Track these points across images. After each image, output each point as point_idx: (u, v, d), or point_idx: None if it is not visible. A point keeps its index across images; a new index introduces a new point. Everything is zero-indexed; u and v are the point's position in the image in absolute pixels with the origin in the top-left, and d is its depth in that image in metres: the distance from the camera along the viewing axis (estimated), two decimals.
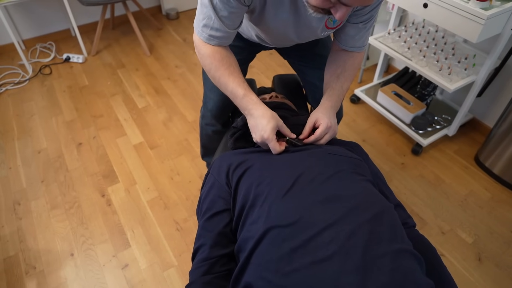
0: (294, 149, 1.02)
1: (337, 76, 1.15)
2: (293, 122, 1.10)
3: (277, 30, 1.09)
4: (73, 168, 1.98)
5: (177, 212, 1.76)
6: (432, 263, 0.82)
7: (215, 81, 1.07)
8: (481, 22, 1.49)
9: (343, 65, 1.15)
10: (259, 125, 1.00)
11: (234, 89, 1.03)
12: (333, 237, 0.73)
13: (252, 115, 1.02)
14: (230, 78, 1.03)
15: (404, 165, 2.01)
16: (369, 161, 1.07)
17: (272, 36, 1.17)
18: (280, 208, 0.81)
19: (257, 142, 1.03)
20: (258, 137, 1.01)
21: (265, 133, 0.98)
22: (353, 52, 1.16)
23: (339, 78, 1.14)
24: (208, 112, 1.42)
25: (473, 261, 1.60)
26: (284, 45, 1.33)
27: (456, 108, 2.18)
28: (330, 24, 1.06)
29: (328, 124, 1.06)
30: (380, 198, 0.85)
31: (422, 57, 1.87)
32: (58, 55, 2.85)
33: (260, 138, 1.00)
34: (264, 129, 0.99)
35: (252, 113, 1.02)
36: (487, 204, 1.82)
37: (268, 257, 0.75)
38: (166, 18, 3.35)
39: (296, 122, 1.11)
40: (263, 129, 0.99)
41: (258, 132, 1.00)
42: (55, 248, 1.63)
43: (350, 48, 1.15)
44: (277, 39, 1.19)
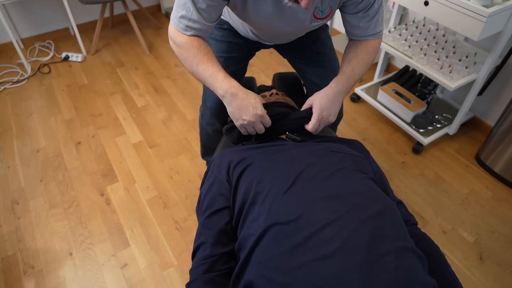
0: (294, 146, 1.01)
1: (349, 60, 1.11)
2: (295, 117, 1.09)
3: (265, 25, 1.07)
4: (72, 167, 1.97)
5: (176, 211, 1.75)
6: (436, 262, 0.81)
7: (192, 68, 1.02)
8: (483, 19, 1.48)
9: (354, 49, 1.12)
10: (248, 104, 0.98)
11: (214, 73, 0.99)
12: (335, 234, 0.73)
13: (236, 95, 0.98)
14: (209, 63, 0.99)
15: (405, 164, 2.00)
16: (370, 159, 1.06)
17: (263, 31, 1.15)
18: (281, 205, 0.80)
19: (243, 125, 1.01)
20: (250, 116, 0.98)
21: (258, 109, 0.97)
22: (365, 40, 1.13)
23: (350, 62, 1.10)
24: (208, 110, 1.41)
25: (475, 260, 1.59)
26: (280, 41, 1.31)
27: (456, 106, 2.17)
28: (318, 14, 1.04)
29: (319, 117, 1.05)
30: (383, 196, 0.85)
31: (423, 56, 1.86)
32: (57, 54, 2.84)
33: (253, 116, 0.98)
34: (255, 106, 0.98)
35: (237, 94, 0.98)
36: (488, 203, 1.81)
37: (268, 254, 0.74)
38: (166, 17, 3.34)
39: (298, 116, 1.09)
40: (254, 106, 0.97)
41: (249, 111, 0.98)
42: (54, 247, 1.62)
43: (360, 37, 1.13)
44: (270, 34, 1.17)
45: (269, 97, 1.23)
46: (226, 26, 1.30)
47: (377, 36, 1.13)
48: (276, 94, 1.24)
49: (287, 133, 1.07)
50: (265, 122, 1.01)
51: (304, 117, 1.08)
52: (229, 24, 1.30)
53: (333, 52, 1.42)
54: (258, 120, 0.99)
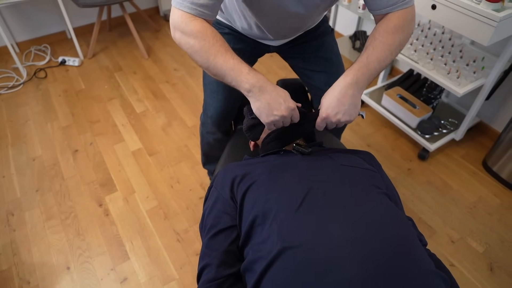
0: (302, 159, 0.96)
1: (365, 48, 0.95)
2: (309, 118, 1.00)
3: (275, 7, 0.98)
4: (69, 177, 1.92)
5: (177, 222, 1.70)
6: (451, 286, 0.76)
7: (208, 61, 0.88)
8: (493, 24, 1.43)
9: (373, 34, 0.96)
10: (279, 98, 0.87)
11: (237, 65, 0.87)
12: (351, 258, 0.68)
13: (265, 89, 0.87)
14: (228, 54, 0.87)
15: (411, 171, 1.95)
16: (382, 172, 1.02)
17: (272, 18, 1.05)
18: (292, 226, 0.75)
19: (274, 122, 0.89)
20: (283, 110, 0.87)
21: (290, 102, 0.88)
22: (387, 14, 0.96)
23: (366, 49, 0.95)
24: (208, 119, 1.36)
25: (485, 271, 1.54)
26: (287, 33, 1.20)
27: (463, 111, 2.12)
28: None
29: (323, 115, 0.92)
30: (400, 215, 0.80)
31: (429, 60, 1.82)
32: (53, 58, 2.78)
33: (286, 110, 0.87)
34: (286, 99, 0.88)
35: (266, 88, 0.87)
36: (497, 211, 1.77)
37: (281, 281, 0.70)
38: (164, 19, 3.28)
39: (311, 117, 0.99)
40: (285, 99, 0.88)
41: (282, 106, 0.87)
42: (51, 261, 1.57)
43: (381, 10, 0.96)
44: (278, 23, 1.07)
45: None
46: (227, 30, 1.25)
47: (399, 6, 0.94)
48: None
49: (294, 145, 1.01)
50: (295, 117, 0.90)
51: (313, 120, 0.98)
52: (230, 28, 1.25)
53: (339, 57, 1.38)
54: (290, 114, 0.88)
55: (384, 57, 0.94)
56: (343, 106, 0.91)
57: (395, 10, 0.95)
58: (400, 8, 0.95)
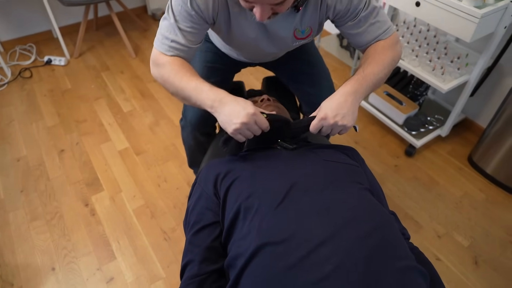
0: (286, 155, 0.96)
1: (361, 65, 1.02)
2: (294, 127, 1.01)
3: (249, 47, 1.08)
4: (55, 177, 1.89)
5: (164, 221, 1.69)
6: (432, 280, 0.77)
7: (174, 85, 0.97)
8: (475, 21, 1.45)
9: (365, 55, 1.04)
10: (238, 106, 0.89)
11: (198, 85, 0.94)
12: (330, 254, 0.68)
13: (225, 103, 0.90)
14: (192, 78, 0.95)
15: (398, 167, 1.97)
16: (365, 167, 1.02)
17: (248, 52, 1.16)
18: (271, 222, 0.75)
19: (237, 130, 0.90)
20: (242, 117, 0.88)
21: (250, 108, 0.88)
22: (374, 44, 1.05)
23: (361, 65, 1.01)
24: (188, 123, 1.36)
25: (470, 264, 1.56)
26: (264, 60, 1.33)
27: (448, 108, 2.15)
28: (298, 34, 1.04)
29: (322, 116, 0.92)
30: (380, 209, 0.80)
31: (415, 57, 1.83)
32: (39, 58, 2.74)
33: (245, 116, 0.87)
34: (246, 107, 0.89)
35: (225, 101, 0.91)
36: (482, 205, 1.79)
37: (260, 277, 0.69)
38: (152, 18, 3.26)
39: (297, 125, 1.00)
40: (245, 107, 0.88)
41: (241, 114, 0.88)
42: (35, 262, 1.55)
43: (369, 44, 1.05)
44: (254, 55, 1.19)
45: (260, 103, 1.18)
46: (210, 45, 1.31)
47: (381, 38, 1.03)
48: (267, 100, 1.18)
49: (279, 141, 1.01)
50: (260, 123, 0.90)
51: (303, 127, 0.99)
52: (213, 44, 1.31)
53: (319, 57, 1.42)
54: (252, 120, 0.88)
55: (378, 70, 0.99)
56: (342, 110, 0.92)
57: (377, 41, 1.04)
58: (382, 39, 1.03)
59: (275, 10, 0.85)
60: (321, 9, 0.98)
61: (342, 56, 2.58)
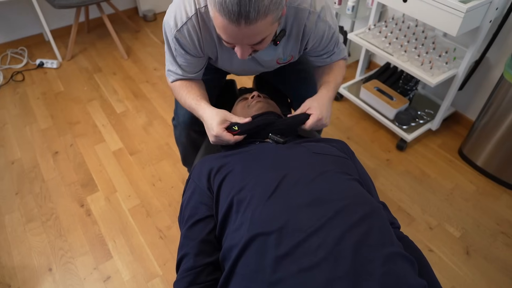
0: (277, 148, 0.98)
1: (327, 73, 1.19)
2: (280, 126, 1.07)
3: (236, 69, 1.21)
4: (50, 178, 1.90)
5: (160, 220, 1.70)
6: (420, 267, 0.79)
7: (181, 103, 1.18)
8: (460, 15, 1.48)
9: (329, 65, 1.21)
10: (208, 126, 1.05)
11: (192, 104, 1.12)
12: (320, 242, 0.70)
13: (204, 120, 1.08)
14: (189, 95, 1.13)
15: (390, 161, 1.99)
16: (355, 159, 1.04)
17: (238, 72, 1.27)
18: (263, 213, 0.77)
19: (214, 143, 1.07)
20: (211, 137, 1.05)
21: (213, 130, 1.03)
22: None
23: (329, 74, 1.18)
24: (181, 122, 1.39)
25: (462, 255, 1.59)
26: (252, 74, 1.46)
27: (438, 102, 2.18)
28: (281, 61, 1.16)
29: (319, 117, 1.07)
30: (369, 199, 0.82)
31: (403, 52, 1.86)
32: (30, 61, 2.74)
33: (212, 137, 1.04)
34: (212, 127, 1.03)
35: (203, 118, 1.08)
36: (473, 197, 1.82)
37: (253, 266, 0.71)
38: (143, 19, 3.27)
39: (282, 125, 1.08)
40: (211, 128, 1.03)
41: (209, 132, 1.06)
42: (32, 263, 1.55)
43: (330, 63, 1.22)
44: (244, 72, 1.28)
45: (250, 100, 1.20)
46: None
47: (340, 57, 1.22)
48: (258, 96, 1.20)
49: (270, 135, 1.04)
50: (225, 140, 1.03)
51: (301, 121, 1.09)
52: None
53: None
54: (218, 139, 1.04)
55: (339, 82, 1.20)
56: (328, 112, 1.12)
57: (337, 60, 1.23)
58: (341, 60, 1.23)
59: (255, 48, 0.91)
60: (302, 43, 1.08)
61: None
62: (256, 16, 0.76)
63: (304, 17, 0.99)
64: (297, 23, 1.01)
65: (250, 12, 0.75)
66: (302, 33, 1.03)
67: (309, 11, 0.98)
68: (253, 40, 0.84)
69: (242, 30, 0.78)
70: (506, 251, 1.60)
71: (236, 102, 1.27)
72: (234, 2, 0.73)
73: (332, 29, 1.07)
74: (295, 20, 1.00)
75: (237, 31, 0.79)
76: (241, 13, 0.74)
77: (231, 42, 0.86)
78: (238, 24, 0.77)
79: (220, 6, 0.75)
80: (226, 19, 0.77)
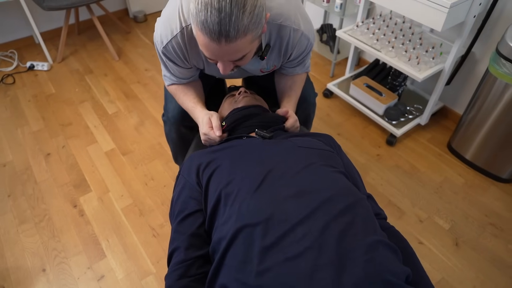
0: (263, 143, 1.00)
1: (290, 87, 1.28)
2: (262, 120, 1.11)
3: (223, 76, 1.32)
4: (42, 180, 1.90)
5: (153, 218, 1.71)
6: (405, 256, 0.81)
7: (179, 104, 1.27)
8: (445, 10, 1.51)
9: (291, 77, 1.28)
10: (199, 126, 1.15)
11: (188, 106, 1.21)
12: (305, 232, 0.72)
13: (198, 122, 1.17)
14: (185, 98, 1.22)
15: (380, 156, 2.02)
16: (341, 153, 1.06)
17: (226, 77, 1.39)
18: (250, 205, 0.79)
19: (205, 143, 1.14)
20: (201, 136, 1.13)
21: (202, 129, 1.12)
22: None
23: (291, 88, 1.28)
24: (170, 118, 1.40)
25: (451, 246, 1.62)
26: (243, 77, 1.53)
27: (426, 97, 2.21)
28: (264, 70, 1.22)
29: (296, 119, 1.20)
30: (353, 190, 0.84)
31: (391, 48, 1.89)
32: (21, 64, 2.73)
33: (202, 136, 1.13)
34: (201, 127, 1.13)
35: (198, 120, 1.17)
36: (462, 189, 1.85)
37: (240, 257, 0.73)
38: (134, 21, 3.27)
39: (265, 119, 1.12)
40: (201, 128, 1.13)
41: (200, 133, 1.14)
42: (25, 264, 1.56)
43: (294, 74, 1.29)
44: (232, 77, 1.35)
45: (237, 96, 1.22)
46: None
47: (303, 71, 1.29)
48: (244, 92, 1.23)
49: (257, 130, 1.06)
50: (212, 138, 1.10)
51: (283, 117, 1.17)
52: None
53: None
54: (207, 138, 1.12)
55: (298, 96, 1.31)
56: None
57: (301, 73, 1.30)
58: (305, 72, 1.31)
59: (237, 64, 0.95)
60: (285, 56, 1.14)
61: (322, 50, 2.63)
62: (236, 35, 0.79)
63: (287, 34, 1.05)
64: (280, 39, 1.06)
65: (230, 31, 0.78)
66: (285, 47, 1.09)
67: (292, 28, 1.04)
68: (234, 57, 0.88)
69: (223, 48, 0.82)
70: (494, 241, 1.63)
71: (224, 99, 1.29)
72: (215, 22, 0.77)
73: (311, 44, 1.13)
74: (278, 36, 1.05)
75: (218, 48, 0.83)
76: (221, 32, 0.78)
77: (213, 58, 0.90)
78: (219, 42, 0.81)
79: (202, 26, 0.79)
80: (208, 38, 0.81)
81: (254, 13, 0.79)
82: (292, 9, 1.03)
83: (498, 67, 1.59)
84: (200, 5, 0.77)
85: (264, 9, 0.84)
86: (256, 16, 0.80)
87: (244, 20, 0.78)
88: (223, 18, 0.76)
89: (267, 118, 1.12)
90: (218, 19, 0.76)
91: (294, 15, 1.03)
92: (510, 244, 1.62)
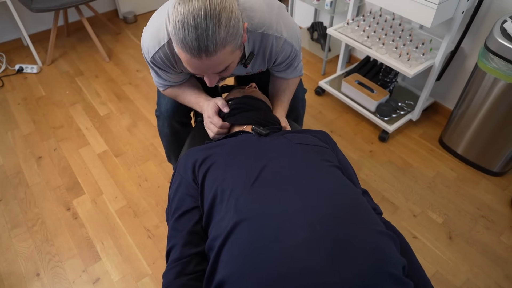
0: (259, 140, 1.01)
1: (283, 91, 1.30)
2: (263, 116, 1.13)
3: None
4: (34, 183, 1.88)
5: (147, 219, 1.71)
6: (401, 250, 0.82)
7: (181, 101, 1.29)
8: (434, 7, 1.52)
9: (286, 81, 1.30)
10: (204, 110, 1.18)
11: (191, 100, 1.23)
12: (302, 224, 0.72)
13: (203, 109, 1.19)
14: (185, 94, 1.24)
15: (373, 153, 2.03)
16: (337, 149, 1.07)
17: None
18: (246, 201, 0.79)
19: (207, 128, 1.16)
20: (205, 119, 1.16)
21: (207, 112, 1.15)
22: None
23: (285, 92, 1.31)
24: (164, 113, 1.41)
25: (445, 240, 1.64)
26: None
27: (417, 93, 2.23)
28: (250, 73, 1.25)
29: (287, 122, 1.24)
30: (348, 184, 0.85)
31: (381, 45, 1.90)
32: (9, 67, 2.70)
33: (206, 119, 1.15)
34: (206, 110, 1.16)
35: (203, 107, 1.19)
36: (454, 183, 1.87)
37: (237, 251, 0.73)
38: (124, 22, 3.25)
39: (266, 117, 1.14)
40: (206, 110, 1.16)
41: (204, 115, 1.17)
42: (19, 269, 1.54)
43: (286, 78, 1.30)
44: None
45: (247, 88, 1.27)
46: None
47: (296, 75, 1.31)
48: (255, 87, 1.27)
49: (253, 127, 1.06)
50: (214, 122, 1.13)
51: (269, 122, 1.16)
52: None
53: None
54: (208, 120, 1.14)
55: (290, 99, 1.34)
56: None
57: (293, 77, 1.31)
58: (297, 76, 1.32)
59: (222, 75, 0.97)
60: (268, 61, 1.15)
61: (313, 48, 2.64)
62: (215, 48, 0.81)
63: (270, 42, 1.07)
64: (264, 47, 1.08)
65: (209, 45, 0.80)
66: (269, 54, 1.11)
67: (275, 36, 1.06)
68: (217, 69, 0.89)
69: (204, 62, 0.84)
70: (486, 234, 1.65)
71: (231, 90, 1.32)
72: (193, 38, 0.79)
73: (295, 50, 1.15)
74: (262, 44, 1.07)
75: (200, 63, 0.85)
76: (200, 48, 0.80)
77: (197, 73, 0.92)
78: (199, 58, 0.82)
79: (181, 44, 0.81)
80: (189, 54, 0.83)
81: (230, 25, 0.81)
82: (274, 18, 1.05)
83: (487, 62, 1.61)
84: (178, 24, 0.79)
85: (240, 20, 0.85)
86: (233, 27, 0.82)
87: (221, 33, 0.80)
88: (200, 34, 0.78)
89: (268, 117, 1.13)
90: (195, 36, 0.78)
91: (276, 23, 1.05)
92: (502, 236, 1.64)
